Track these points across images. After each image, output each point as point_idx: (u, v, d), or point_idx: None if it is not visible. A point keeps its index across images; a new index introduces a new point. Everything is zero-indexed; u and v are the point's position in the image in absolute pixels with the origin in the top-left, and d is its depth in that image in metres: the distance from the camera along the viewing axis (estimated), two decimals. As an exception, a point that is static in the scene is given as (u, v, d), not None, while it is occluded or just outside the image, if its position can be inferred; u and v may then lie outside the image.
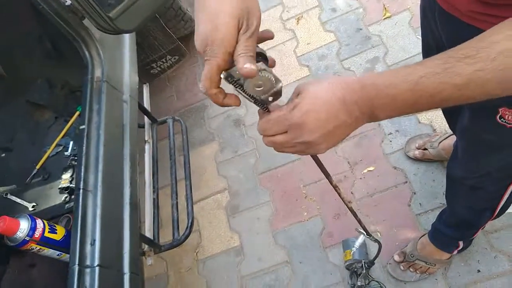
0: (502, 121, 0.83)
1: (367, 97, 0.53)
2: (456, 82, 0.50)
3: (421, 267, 1.55)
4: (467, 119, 0.94)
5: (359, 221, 1.13)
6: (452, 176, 1.22)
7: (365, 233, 1.23)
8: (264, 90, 0.56)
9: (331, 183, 0.86)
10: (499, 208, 1.21)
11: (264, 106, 0.59)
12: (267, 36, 0.65)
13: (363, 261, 1.58)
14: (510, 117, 0.82)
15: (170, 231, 1.53)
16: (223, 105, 0.60)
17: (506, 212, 1.28)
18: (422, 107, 0.53)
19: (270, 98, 0.57)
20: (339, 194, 0.91)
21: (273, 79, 0.56)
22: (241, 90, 0.57)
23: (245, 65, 0.53)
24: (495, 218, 1.28)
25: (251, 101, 0.59)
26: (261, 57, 0.59)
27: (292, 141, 0.57)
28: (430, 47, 1.05)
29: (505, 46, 0.48)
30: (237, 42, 0.56)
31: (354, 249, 1.53)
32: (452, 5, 0.77)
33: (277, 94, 0.57)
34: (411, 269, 1.58)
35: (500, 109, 0.82)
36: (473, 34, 0.73)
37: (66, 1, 1.29)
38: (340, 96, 0.53)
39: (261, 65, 0.56)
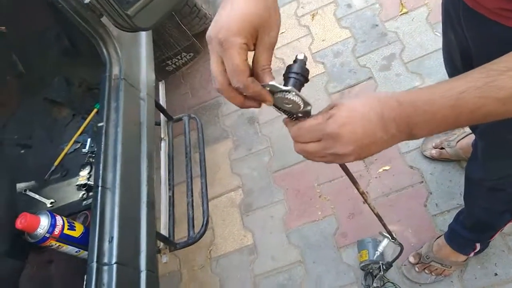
0: None
1: (405, 115, 0.52)
2: (499, 96, 0.47)
3: (436, 269, 1.54)
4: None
5: (385, 225, 1.12)
6: (471, 177, 1.20)
7: (390, 237, 1.22)
8: (293, 108, 0.56)
9: (358, 190, 0.85)
10: None
11: (293, 117, 0.58)
12: None
13: (380, 262, 1.56)
14: None
15: (185, 228, 1.54)
16: (260, 97, 0.57)
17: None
18: (463, 123, 0.52)
19: (300, 114, 0.57)
20: (366, 201, 0.90)
21: (302, 103, 0.55)
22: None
23: (269, 78, 0.54)
24: None
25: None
26: (296, 75, 0.57)
27: (323, 151, 0.56)
28: (452, 46, 1.03)
29: None
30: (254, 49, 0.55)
31: (377, 252, 1.50)
32: (478, 3, 0.76)
33: (307, 114, 0.57)
34: (426, 271, 1.56)
35: None
36: (500, 31, 0.72)
37: (85, -1, 1.30)
38: (378, 111, 0.52)
39: (291, 89, 0.55)
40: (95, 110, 1.56)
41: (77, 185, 1.37)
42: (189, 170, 1.58)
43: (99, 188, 1.09)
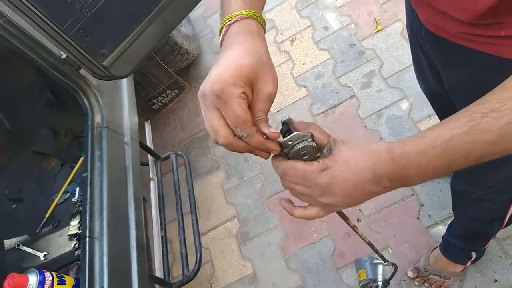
0: None
1: (398, 169, 0.52)
2: (487, 139, 0.48)
3: (436, 281, 1.53)
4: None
5: (376, 251, 1.12)
6: (457, 190, 1.21)
7: (383, 262, 1.23)
8: (309, 155, 0.57)
9: (349, 225, 0.86)
10: (507, 218, 1.19)
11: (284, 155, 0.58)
12: None
13: (379, 281, 1.56)
14: None
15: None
16: (265, 149, 0.56)
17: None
18: (457, 167, 0.51)
19: (304, 157, 0.57)
20: (357, 233, 0.90)
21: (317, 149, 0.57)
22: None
23: (270, 129, 0.54)
24: (505, 227, 1.26)
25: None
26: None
27: (312, 197, 0.57)
28: (422, 64, 1.06)
29: None
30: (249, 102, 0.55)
31: (369, 270, 1.50)
32: (439, 27, 0.78)
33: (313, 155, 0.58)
34: (426, 284, 1.56)
35: None
36: (461, 53, 0.74)
37: (62, 55, 1.34)
38: (370, 166, 0.53)
39: (309, 134, 0.57)
40: (82, 158, 1.59)
41: (68, 235, 1.39)
42: (179, 208, 1.59)
43: (87, 239, 1.11)
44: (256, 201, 2.06)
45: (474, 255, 1.43)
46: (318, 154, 0.57)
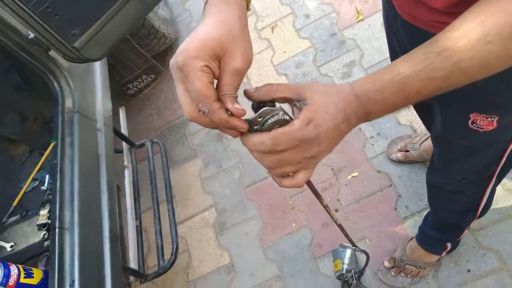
0: (474, 126, 0.83)
1: (362, 106, 0.54)
2: (439, 75, 0.51)
3: (411, 271, 1.55)
4: (439, 126, 0.94)
5: (346, 235, 1.12)
6: (431, 183, 1.22)
7: (352, 246, 1.22)
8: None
9: (322, 204, 0.84)
10: (480, 209, 1.21)
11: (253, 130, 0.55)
12: None
13: (352, 270, 1.57)
14: (481, 122, 0.82)
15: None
16: (230, 126, 0.53)
17: (489, 209, 1.29)
18: (412, 102, 0.55)
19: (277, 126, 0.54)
20: (329, 214, 0.89)
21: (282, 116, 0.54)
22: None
23: (235, 105, 0.52)
24: (478, 218, 1.28)
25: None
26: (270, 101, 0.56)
27: (300, 156, 0.54)
28: (397, 55, 1.05)
29: (480, 32, 0.49)
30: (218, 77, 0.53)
31: (344, 260, 1.52)
32: (414, 16, 0.77)
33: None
34: (402, 274, 1.58)
35: (471, 115, 0.82)
36: None
37: (29, 35, 1.26)
38: (342, 108, 0.54)
39: (279, 107, 0.55)
40: (52, 144, 1.51)
41: (37, 225, 1.32)
42: (155, 197, 1.55)
43: (56, 229, 1.05)
44: (234, 190, 2.03)
45: (449, 245, 1.45)
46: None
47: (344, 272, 1.59)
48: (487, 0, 0.50)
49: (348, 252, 1.32)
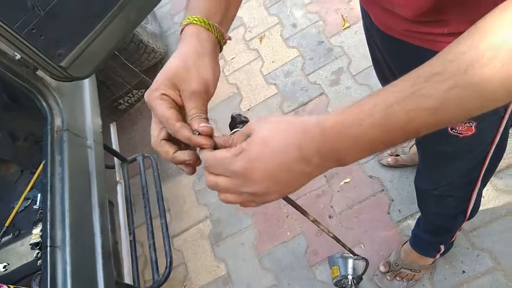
0: (453, 132, 0.85)
1: (327, 142, 0.46)
2: (428, 105, 0.42)
3: (407, 275, 1.55)
4: None
5: (344, 245, 1.12)
6: (419, 187, 1.23)
7: (353, 256, 1.22)
8: None
9: (309, 219, 0.84)
10: (469, 211, 1.22)
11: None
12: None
13: (351, 277, 1.57)
14: (460, 127, 0.83)
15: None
16: (194, 143, 0.54)
17: (479, 210, 1.30)
18: (397, 141, 0.46)
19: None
20: (319, 227, 0.89)
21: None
22: None
23: (201, 124, 0.54)
24: (468, 219, 1.29)
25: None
26: (240, 123, 0.57)
27: (235, 188, 0.50)
28: (380, 62, 1.07)
29: (473, 55, 0.40)
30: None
31: (341, 267, 1.51)
32: (387, 26, 0.79)
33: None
34: (397, 278, 1.58)
35: None
36: (410, 51, 0.75)
37: (16, 56, 1.27)
38: (296, 143, 0.47)
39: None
40: (42, 163, 1.52)
41: (30, 244, 1.32)
42: (148, 212, 1.55)
43: (48, 248, 1.05)
44: (228, 201, 2.03)
45: (442, 248, 1.46)
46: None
47: (341, 278, 1.58)
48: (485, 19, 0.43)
49: (345, 259, 1.32)
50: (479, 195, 1.17)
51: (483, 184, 1.11)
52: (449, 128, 0.84)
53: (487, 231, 1.57)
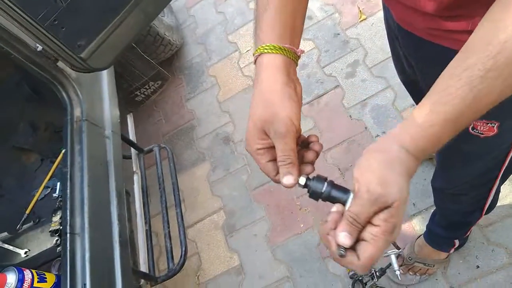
0: (475, 132, 0.84)
1: (420, 159, 0.53)
2: (489, 101, 0.48)
3: (420, 269, 1.55)
4: None
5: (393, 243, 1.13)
6: (434, 186, 1.23)
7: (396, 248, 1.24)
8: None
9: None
10: (486, 207, 1.21)
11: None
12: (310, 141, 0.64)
13: (373, 270, 1.56)
14: (482, 127, 0.82)
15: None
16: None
17: (496, 205, 1.29)
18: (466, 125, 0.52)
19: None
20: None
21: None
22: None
23: (283, 179, 0.58)
24: (485, 215, 1.28)
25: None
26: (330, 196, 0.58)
27: (389, 241, 0.51)
28: (399, 55, 1.06)
29: None
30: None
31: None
32: (409, 24, 0.79)
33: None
34: (410, 272, 1.58)
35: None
36: (431, 49, 0.75)
37: (38, 47, 1.30)
38: (405, 175, 0.52)
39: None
40: (62, 152, 1.55)
41: (50, 231, 1.36)
42: (163, 201, 1.58)
43: (67, 235, 1.09)
44: (242, 193, 2.05)
45: (457, 242, 1.45)
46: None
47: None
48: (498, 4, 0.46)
49: (393, 258, 1.31)
50: (497, 192, 1.16)
51: (502, 181, 1.10)
52: (470, 128, 0.83)
53: (503, 226, 1.56)
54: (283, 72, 0.61)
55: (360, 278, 1.60)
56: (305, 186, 0.59)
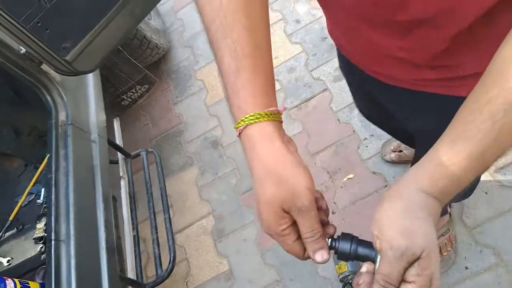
0: None
1: (443, 202, 0.52)
2: None
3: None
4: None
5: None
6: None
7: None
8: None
9: None
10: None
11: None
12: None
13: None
14: None
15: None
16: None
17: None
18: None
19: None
20: None
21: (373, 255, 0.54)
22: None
23: (316, 256, 0.56)
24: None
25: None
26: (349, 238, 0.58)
27: (423, 274, 0.48)
28: (364, 94, 1.07)
29: None
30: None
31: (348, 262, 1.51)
32: (394, 78, 0.76)
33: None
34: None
35: None
36: (424, 99, 0.73)
37: (21, 49, 1.27)
38: (425, 217, 0.50)
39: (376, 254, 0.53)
40: (46, 157, 1.52)
41: (34, 238, 1.32)
42: (151, 207, 1.55)
43: (52, 242, 1.05)
44: (231, 197, 2.04)
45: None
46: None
47: (349, 274, 1.58)
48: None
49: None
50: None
51: None
52: None
53: (491, 227, 1.57)
54: (278, 139, 0.56)
55: (350, 281, 1.59)
56: (332, 248, 0.57)
